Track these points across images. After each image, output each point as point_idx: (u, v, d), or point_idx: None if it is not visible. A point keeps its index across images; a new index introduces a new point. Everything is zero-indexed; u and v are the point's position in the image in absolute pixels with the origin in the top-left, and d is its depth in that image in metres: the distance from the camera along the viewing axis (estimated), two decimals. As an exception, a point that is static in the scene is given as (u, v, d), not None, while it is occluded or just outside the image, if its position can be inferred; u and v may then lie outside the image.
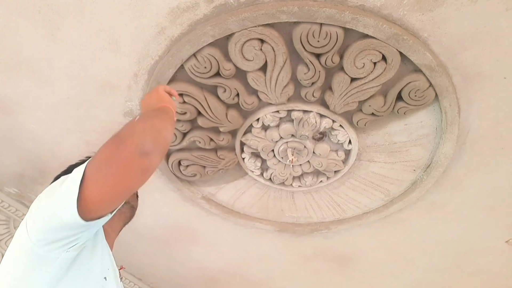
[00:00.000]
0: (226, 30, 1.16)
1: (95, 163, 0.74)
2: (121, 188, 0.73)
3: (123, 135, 0.76)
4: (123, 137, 0.75)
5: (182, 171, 1.65)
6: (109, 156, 0.73)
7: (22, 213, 1.93)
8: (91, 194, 0.71)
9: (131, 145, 0.72)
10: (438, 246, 2.08)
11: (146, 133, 0.76)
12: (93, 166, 0.73)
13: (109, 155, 0.73)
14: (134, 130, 0.77)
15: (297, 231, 1.99)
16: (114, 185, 0.72)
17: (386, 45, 1.17)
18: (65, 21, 1.20)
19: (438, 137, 1.49)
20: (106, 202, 0.74)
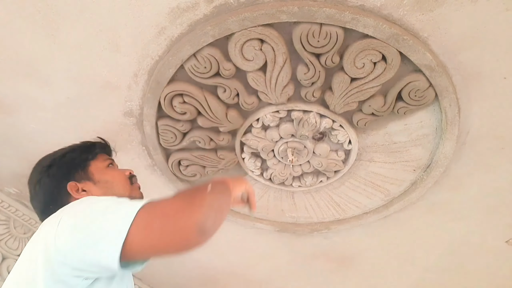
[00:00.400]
0: (226, 30, 1.16)
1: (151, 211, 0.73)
2: (163, 249, 0.74)
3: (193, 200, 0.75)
4: (191, 204, 0.73)
5: (182, 171, 1.65)
6: (168, 213, 0.73)
7: (22, 213, 1.93)
8: (135, 243, 0.71)
9: (195, 218, 0.71)
10: (438, 246, 2.08)
11: (212, 212, 0.75)
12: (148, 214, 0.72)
13: (168, 211, 0.73)
14: (204, 202, 0.75)
15: (297, 231, 1.98)
16: (159, 244, 0.72)
17: (386, 45, 1.17)
18: (65, 21, 1.20)
19: (438, 137, 1.49)
20: (145, 255, 0.75)
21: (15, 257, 1.91)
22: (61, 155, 1.07)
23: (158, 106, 1.40)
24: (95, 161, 1.10)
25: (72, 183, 1.02)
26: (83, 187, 1.02)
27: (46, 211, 0.97)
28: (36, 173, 1.06)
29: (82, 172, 1.05)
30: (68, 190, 1.01)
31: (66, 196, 1.00)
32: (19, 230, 1.95)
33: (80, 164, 1.06)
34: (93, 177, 1.05)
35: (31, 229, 2.00)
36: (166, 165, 1.63)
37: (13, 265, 1.87)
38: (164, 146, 1.55)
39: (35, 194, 1.04)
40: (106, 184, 1.05)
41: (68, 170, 1.04)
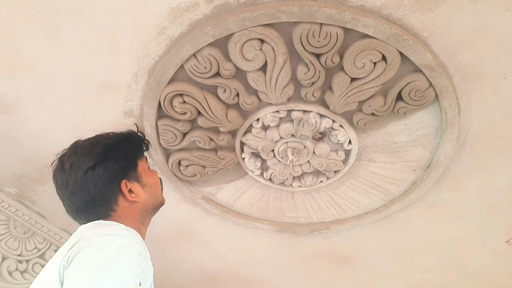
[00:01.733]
0: (226, 30, 1.16)
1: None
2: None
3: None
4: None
5: (182, 171, 1.65)
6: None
7: (22, 213, 1.93)
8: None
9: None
10: (438, 246, 2.08)
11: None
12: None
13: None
14: None
15: (297, 231, 1.98)
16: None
17: (386, 45, 1.17)
18: (65, 21, 1.20)
19: (438, 137, 1.49)
20: None
21: (15, 257, 1.92)
22: (116, 146, 1.01)
23: (158, 106, 1.40)
24: (141, 160, 1.07)
25: (125, 181, 0.99)
26: (131, 187, 1.00)
27: (92, 205, 0.95)
28: (88, 158, 0.95)
29: (133, 171, 1.02)
30: (122, 188, 0.98)
31: (117, 193, 0.97)
32: (19, 230, 1.95)
33: (133, 163, 1.03)
34: (142, 179, 1.03)
35: (31, 229, 2.00)
36: (166, 165, 1.63)
37: (13, 265, 1.89)
38: (164, 146, 1.56)
39: (84, 183, 0.94)
40: (150, 190, 1.04)
41: (124, 167, 1.00)
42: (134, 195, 1.00)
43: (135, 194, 1.00)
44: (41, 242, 2.04)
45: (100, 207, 0.95)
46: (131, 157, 1.03)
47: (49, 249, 2.06)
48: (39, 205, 1.95)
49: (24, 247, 1.96)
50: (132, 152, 1.04)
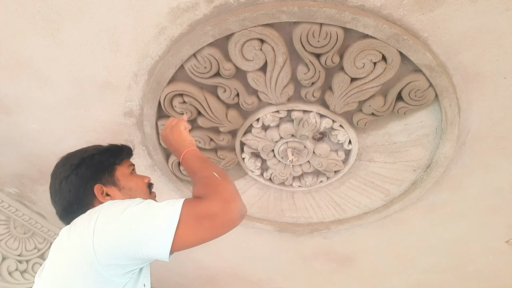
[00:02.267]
0: (226, 30, 1.16)
1: (197, 214, 0.84)
2: (212, 238, 0.86)
3: (225, 197, 0.88)
4: (227, 200, 0.87)
5: (182, 171, 1.65)
6: (214, 213, 0.84)
7: (22, 213, 1.93)
8: (185, 239, 0.83)
9: (236, 210, 0.87)
10: (438, 246, 2.08)
11: (238, 195, 0.91)
12: (193, 216, 0.84)
13: (213, 212, 0.84)
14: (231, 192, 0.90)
15: (297, 231, 1.99)
16: (208, 236, 0.85)
17: (386, 45, 1.17)
18: (65, 21, 1.20)
19: (438, 137, 1.49)
20: (193, 245, 0.85)
21: (15, 257, 1.92)
22: (90, 156, 1.08)
23: (158, 106, 1.40)
24: (121, 166, 1.12)
25: (98, 185, 1.03)
26: (108, 191, 1.04)
27: (69, 209, 1.02)
28: (63, 169, 1.05)
29: (108, 176, 1.07)
30: (95, 191, 1.02)
31: (91, 197, 1.02)
32: (19, 230, 1.95)
33: (108, 168, 1.08)
34: (119, 183, 1.07)
35: (31, 229, 2.00)
36: (166, 165, 1.63)
37: (13, 265, 1.89)
38: (164, 146, 1.56)
39: (60, 190, 1.04)
40: (129, 192, 1.07)
41: (96, 172, 1.05)
42: (110, 198, 1.03)
43: (111, 197, 1.04)
44: (41, 242, 2.04)
45: (77, 210, 1.01)
46: (105, 163, 1.08)
47: (49, 249, 2.06)
48: (39, 205, 1.95)
49: (24, 247, 1.96)
50: (106, 159, 1.09)
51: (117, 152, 1.13)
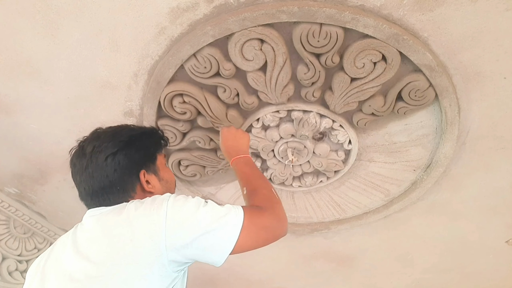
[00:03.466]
0: (226, 30, 1.16)
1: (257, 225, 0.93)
2: (260, 247, 0.95)
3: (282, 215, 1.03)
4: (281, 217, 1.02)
5: (182, 171, 1.65)
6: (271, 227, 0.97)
7: (22, 213, 1.93)
8: (243, 245, 0.90)
9: (285, 228, 1.02)
10: (438, 246, 2.08)
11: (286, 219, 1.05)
12: (254, 226, 0.92)
13: (270, 226, 0.97)
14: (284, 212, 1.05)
15: (297, 231, 1.99)
16: (260, 245, 0.95)
17: (386, 45, 1.17)
18: (65, 21, 1.20)
19: (438, 137, 1.49)
20: (244, 251, 0.92)
21: (15, 257, 1.92)
22: (139, 136, 1.04)
23: (158, 106, 1.40)
24: (160, 156, 1.11)
25: (143, 171, 1.01)
26: (149, 178, 1.02)
27: (109, 190, 0.96)
28: (111, 144, 0.98)
29: (151, 164, 1.05)
30: (140, 176, 1.00)
31: (135, 182, 0.99)
32: (19, 230, 1.95)
33: (152, 155, 1.07)
34: (159, 172, 1.06)
35: (31, 229, 2.00)
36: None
37: (13, 265, 1.89)
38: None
39: (104, 167, 0.95)
40: (166, 184, 1.08)
41: (143, 158, 1.02)
42: (151, 186, 1.02)
43: (151, 186, 1.02)
44: (41, 242, 2.04)
45: (117, 192, 0.96)
46: (151, 149, 1.07)
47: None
48: (39, 205, 1.95)
49: (24, 247, 1.96)
50: (152, 145, 1.08)
51: (160, 139, 1.12)
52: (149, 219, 0.85)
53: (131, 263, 0.82)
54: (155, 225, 0.84)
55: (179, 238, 0.84)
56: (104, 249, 0.85)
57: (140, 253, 0.83)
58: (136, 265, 0.82)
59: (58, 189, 1.83)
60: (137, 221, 0.86)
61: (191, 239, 0.85)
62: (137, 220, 0.86)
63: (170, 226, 0.84)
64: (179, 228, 0.85)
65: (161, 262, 0.83)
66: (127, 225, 0.86)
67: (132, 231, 0.84)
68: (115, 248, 0.84)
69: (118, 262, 0.82)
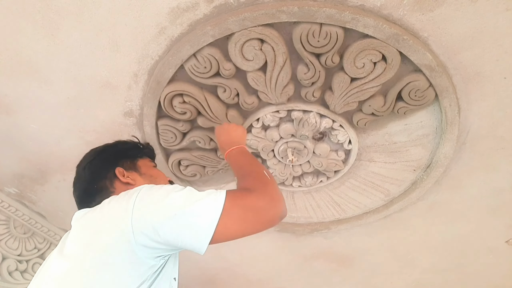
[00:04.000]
0: (226, 30, 1.16)
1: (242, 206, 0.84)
2: (251, 232, 0.85)
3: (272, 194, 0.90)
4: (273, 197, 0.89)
5: (182, 171, 1.65)
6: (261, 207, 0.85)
7: (22, 213, 1.93)
8: (226, 231, 0.81)
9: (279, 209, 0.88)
10: (438, 246, 2.08)
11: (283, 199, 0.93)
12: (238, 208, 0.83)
13: (259, 207, 0.85)
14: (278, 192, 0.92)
15: (297, 231, 1.99)
16: (250, 230, 0.84)
17: (386, 45, 1.17)
18: (65, 21, 1.20)
19: (438, 137, 1.49)
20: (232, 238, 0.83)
21: (15, 257, 1.92)
22: (114, 144, 1.14)
23: (158, 106, 1.40)
24: (143, 159, 1.15)
25: (120, 168, 1.05)
26: (129, 175, 1.06)
27: (89, 191, 1.03)
28: (88, 156, 1.10)
29: (130, 162, 1.10)
30: (116, 173, 1.04)
31: (112, 179, 1.04)
32: (19, 230, 1.95)
33: (130, 156, 1.12)
34: (140, 169, 1.10)
35: (31, 229, 2.00)
36: (166, 165, 1.63)
37: (13, 265, 1.88)
38: (164, 146, 1.56)
39: (83, 176, 1.06)
40: (150, 178, 1.09)
41: (118, 157, 1.09)
42: (130, 179, 1.04)
43: (131, 179, 1.05)
44: (41, 242, 2.04)
45: (97, 191, 1.01)
46: (129, 152, 1.13)
47: (49, 249, 2.06)
48: (39, 205, 1.95)
49: (24, 247, 1.96)
50: (129, 149, 1.14)
51: (140, 148, 1.18)
52: (119, 207, 0.85)
53: (101, 252, 0.81)
54: (124, 211, 0.82)
55: (146, 220, 0.80)
56: (78, 243, 0.86)
57: (108, 241, 0.81)
58: (105, 253, 0.81)
59: (58, 189, 1.83)
60: (108, 210, 0.87)
61: (160, 221, 0.80)
62: (108, 210, 0.87)
63: (137, 209, 0.81)
64: (146, 211, 0.81)
65: (131, 249, 0.79)
66: (99, 217, 0.88)
67: (102, 221, 0.86)
68: (86, 240, 0.85)
69: (89, 253, 0.82)
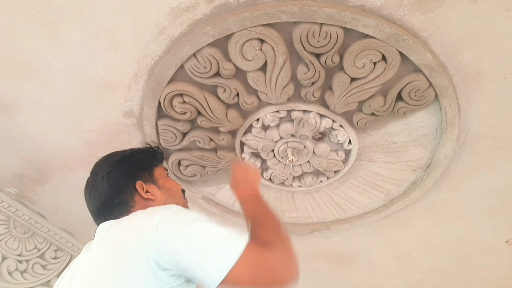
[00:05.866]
0: (226, 30, 1.16)
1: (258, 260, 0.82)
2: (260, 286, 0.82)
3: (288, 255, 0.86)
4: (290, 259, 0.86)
5: (182, 171, 1.65)
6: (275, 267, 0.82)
7: (22, 213, 1.93)
8: (237, 278, 0.79)
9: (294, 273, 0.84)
10: (438, 246, 2.08)
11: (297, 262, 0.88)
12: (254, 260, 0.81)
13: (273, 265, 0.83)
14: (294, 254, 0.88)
15: (297, 231, 1.98)
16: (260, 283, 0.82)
17: (386, 45, 1.17)
18: (65, 21, 1.20)
19: (438, 137, 1.49)
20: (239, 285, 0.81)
21: (15, 257, 1.92)
22: (130, 154, 1.11)
23: (158, 106, 1.40)
24: (158, 168, 1.14)
25: (140, 182, 1.04)
26: (148, 188, 1.05)
27: (110, 204, 1.01)
28: (105, 165, 1.06)
29: (148, 174, 1.09)
30: (137, 187, 1.03)
31: (133, 192, 1.03)
32: (19, 230, 1.95)
33: (147, 167, 1.10)
34: (158, 181, 1.09)
35: (31, 229, 2.00)
36: (166, 165, 1.63)
37: (13, 265, 1.88)
38: (164, 146, 1.55)
39: (101, 186, 1.03)
40: (168, 192, 1.08)
41: (137, 169, 1.07)
42: (150, 194, 1.04)
43: (151, 193, 1.04)
44: (41, 242, 2.04)
45: (118, 205, 1.00)
46: (145, 162, 1.11)
47: (49, 249, 2.06)
48: (39, 205, 1.95)
49: (24, 247, 1.96)
50: (146, 158, 1.12)
51: (155, 154, 1.17)
52: (144, 222, 0.85)
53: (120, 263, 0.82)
54: (148, 226, 0.83)
55: (165, 240, 0.81)
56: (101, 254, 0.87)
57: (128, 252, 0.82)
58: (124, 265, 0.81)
59: (58, 189, 1.83)
60: (133, 224, 0.87)
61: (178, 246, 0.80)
62: (133, 223, 0.88)
63: (160, 229, 0.82)
64: (169, 232, 0.82)
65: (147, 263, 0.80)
66: (124, 229, 0.88)
67: (127, 233, 0.86)
68: (109, 251, 0.86)
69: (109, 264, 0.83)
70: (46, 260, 2.03)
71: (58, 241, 2.08)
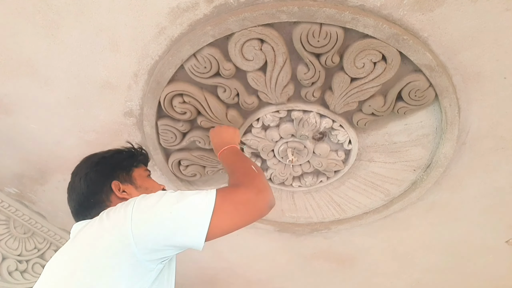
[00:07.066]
0: (226, 30, 1.16)
1: (232, 201, 0.90)
2: (244, 224, 0.92)
3: (259, 186, 0.97)
4: (260, 189, 0.96)
5: (182, 171, 1.65)
6: (249, 199, 0.93)
7: (22, 213, 1.94)
8: (220, 225, 0.87)
9: (267, 199, 0.96)
10: (438, 246, 2.08)
11: (270, 189, 0.99)
12: (228, 203, 0.89)
13: (247, 199, 0.93)
14: (265, 184, 0.99)
15: (297, 231, 1.99)
16: (242, 222, 0.92)
17: (386, 45, 1.17)
18: (65, 21, 1.20)
19: (438, 137, 1.49)
20: (227, 232, 0.89)
21: (15, 257, 1.92)
22: (109, 155, 1.13)
23: (158, 106, 1.40)
24: (138, 168, 1.16)
25: (116, 182, 1.07)
26: (124, 188, 1.07)
27: (85, 204, 1.04)
28: (84, 167, 1.10)
29: (126, 175, 1.11)
30: (112, 187, 1.05)
31: (109, 192, 1.05)
32: (19, 230, 1.95)
33: (126, 168, 1.12)
34: (135, 181, 1.11)
35: (31, 229, 2.00)
36: (166, 165, 1.63)
37: (13, 265, 1.88)
38: (164, 146, 1.56)
39: (79, 187, 1.06)
40: (146, 191, 1.09)
41: (114, 170, 1.09)
42: (126, 194, 1.06)
43: (127, 193, 1.06)
44: (41, 242, 2.04)
45: (94, 205, 1.03)
46: (124, 162, 1.13)
47: (49, 249, 2.06)
48: (39, 205, 1.95)
49: (24, 247, 1.96)
50: (125, 158, 1.14)
51: (135, 155, 1.18)
52: (118, 214, 0.89)
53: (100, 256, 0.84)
54: (123, 218, 0.86)
55: (145, 224, 0.84)
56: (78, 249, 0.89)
57: (108, 246, 0.84)
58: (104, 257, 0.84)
59: (58, 189, 1.83)
60: (107, 219, 0.90)
61: (158, 222, 0.85)
62: (107, 219, 0.90)
63: (135, 214, 0.85)
64: (144, 215, 0.85)
65: (131, 252, 0.83)
66: (99, 225, 0.90)
67: (102, 229, 0.88)
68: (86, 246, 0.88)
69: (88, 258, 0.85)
70: (46, 260, 2.03)
71: (58, 241, 2.08)
